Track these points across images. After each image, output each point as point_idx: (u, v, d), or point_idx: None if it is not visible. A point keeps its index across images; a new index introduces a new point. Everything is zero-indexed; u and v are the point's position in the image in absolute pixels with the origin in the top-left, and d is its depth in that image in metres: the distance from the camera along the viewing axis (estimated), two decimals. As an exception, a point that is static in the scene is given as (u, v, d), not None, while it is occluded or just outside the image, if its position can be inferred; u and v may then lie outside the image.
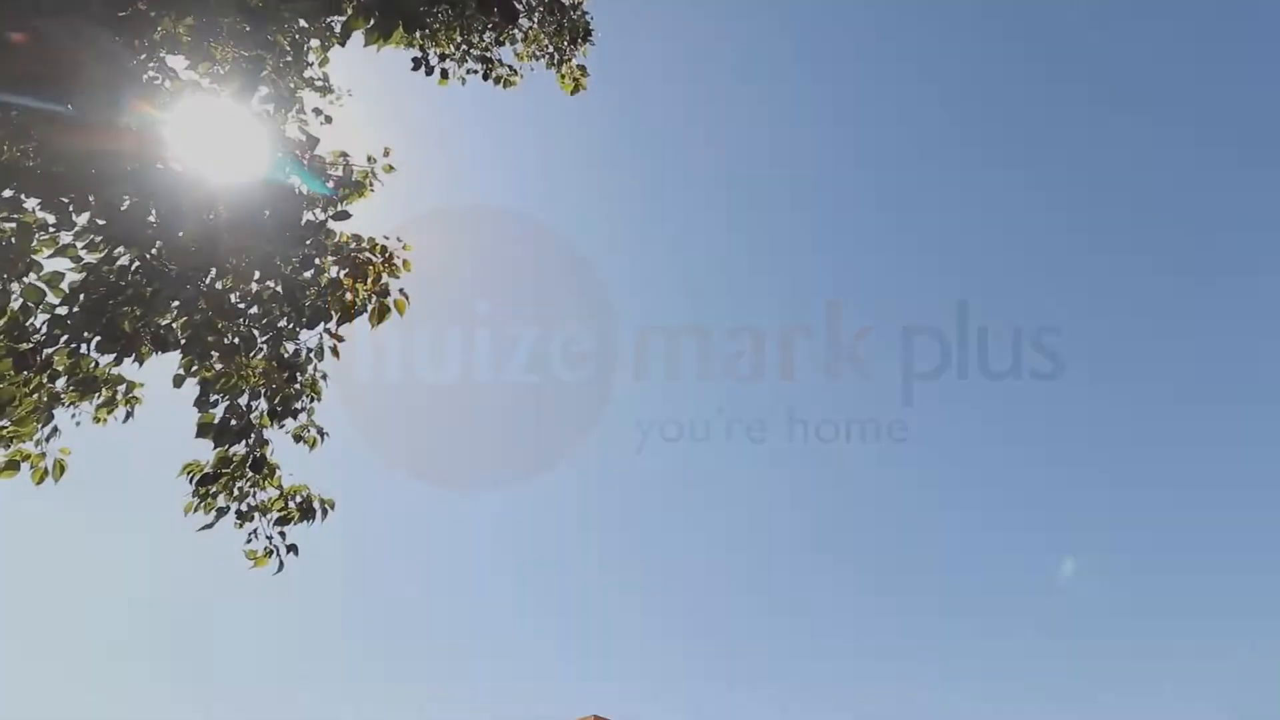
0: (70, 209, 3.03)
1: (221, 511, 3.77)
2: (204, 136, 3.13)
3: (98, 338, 3.20)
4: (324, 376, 4.03)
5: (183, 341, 3.24)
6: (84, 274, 3.32)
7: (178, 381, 3.51)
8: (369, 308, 3.78)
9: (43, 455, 3.97)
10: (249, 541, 3.84)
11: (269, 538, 3.82)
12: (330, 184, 3.38)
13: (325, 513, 4.06)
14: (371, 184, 3.66)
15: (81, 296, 3.22)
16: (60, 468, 3.95)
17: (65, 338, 3.27)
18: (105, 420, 4.27)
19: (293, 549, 3.84)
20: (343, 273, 3.63)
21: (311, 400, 4.00)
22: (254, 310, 3.56)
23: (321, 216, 3.36)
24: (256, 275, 3.33)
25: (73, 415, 4.21)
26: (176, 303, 3.19)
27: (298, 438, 3.99)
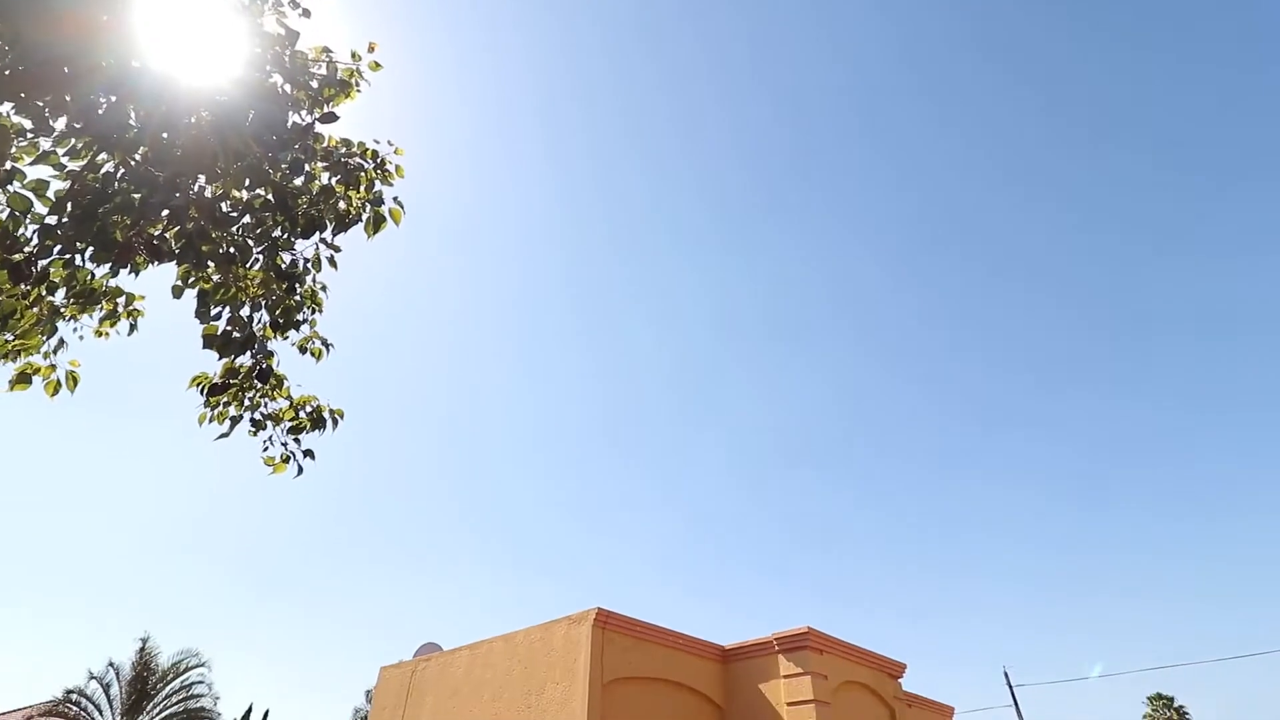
0: (46, 112, 2.91)
1: (235, 421, 3.86)
2: (179, 31, 2.95)
3: (91, 248, 3.17)
4: (324, 288, 4.02)
5: (177, 251, 3.20)
6: (69, 182, 3.23)
7: (176, 292, 3.50)
8: (364, 217, 3.71)
9: (52, 368, 4.04)
10: (265, 449, 3.97)
11: (284, 445, 3.94)
12: (314, 83, 3.22)
13: (335, 423, 4.16)
14: (357, 84, 3.49)
15: (69, 205, 3.15)
16: (73, 379, 4.01)
17: (58, 249, 3.23)
18: (108, 334, 4.30)
19: (309, 454, 3.97)
20: (334, 179, 3.54)
21: (313, 312, 4.01)
22: (247, 220, 3.50)
23: (308, 119, 3.23)
24: (246, 183, 3.24)
25: (75, 330, 4.24)
26: (167, 211, 3.12)
27: (302, 349, 4.04)
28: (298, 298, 3.81)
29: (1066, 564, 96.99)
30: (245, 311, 3.69)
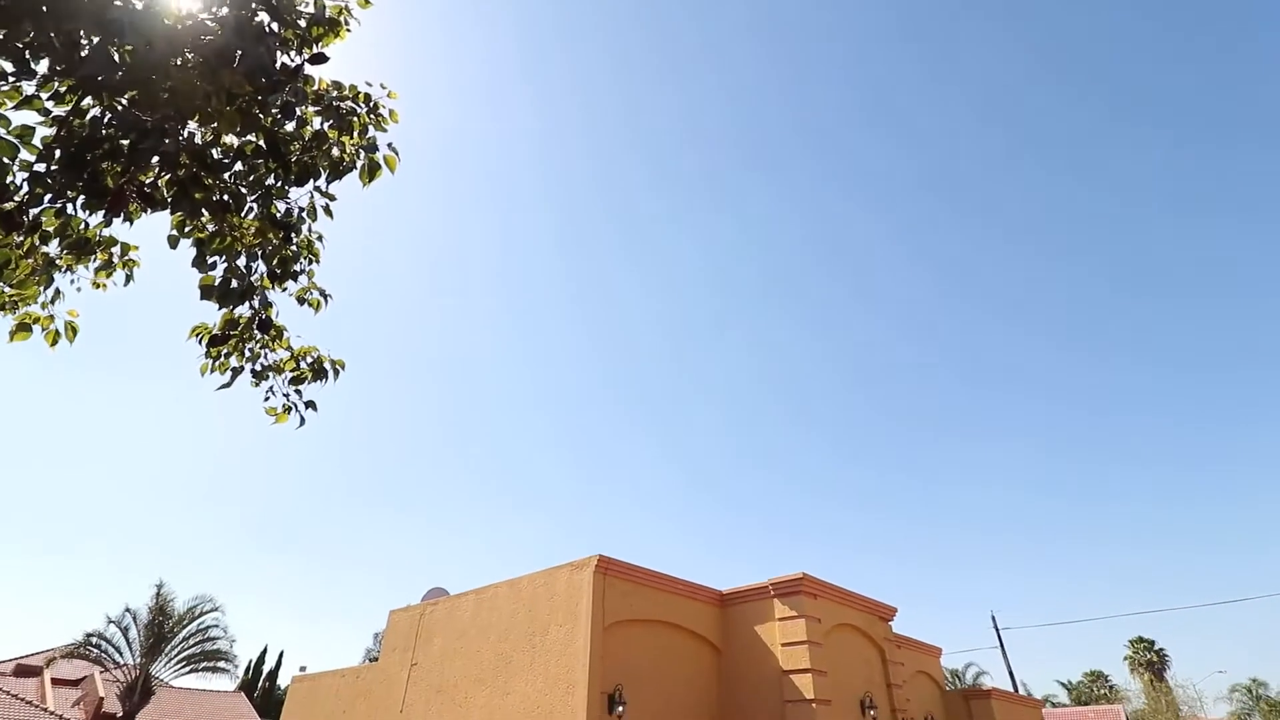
0: (27, 55, 2.82)
1: (236, 371, 3.89)
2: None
3: (83, 196, 3.12)
4: (320, 238, 3.97)
5: (170, 199, 3.15)
6: (55, 128, 3.16)
7: (172, 242, 3.47)
8: (358, 164, 3.64)
9: (51, 318, 4.04)
10: (267, 400, 4.00)
11: (286, 395, 3.97)
12: (302, 21, 3.11)
13: (336, 373, 4.19)
14: (346, 22, 3.36)
15: (58, 152, 3.09)
16: (72, 329, 4.02)
17: (49, 197, 3.19)
18: (105, 286, 4.28)
19: (311, 405, 4.01)
20: (327, 124, 3.45)
21: (310, 263, 3.98)
22: (239, 167, 3.43)
23: (297, 60, 3.12)
24: (237, 128, 3.16)
25: (72, 281, 4.22)
26: (157, 158, 3.06)
27: (301, 300, 4.02)
28: (294, 248, 3.77)
29: (1055, 514, 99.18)
30: (242, 262, 3.66)
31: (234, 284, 3.56)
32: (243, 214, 3.47)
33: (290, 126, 3.42)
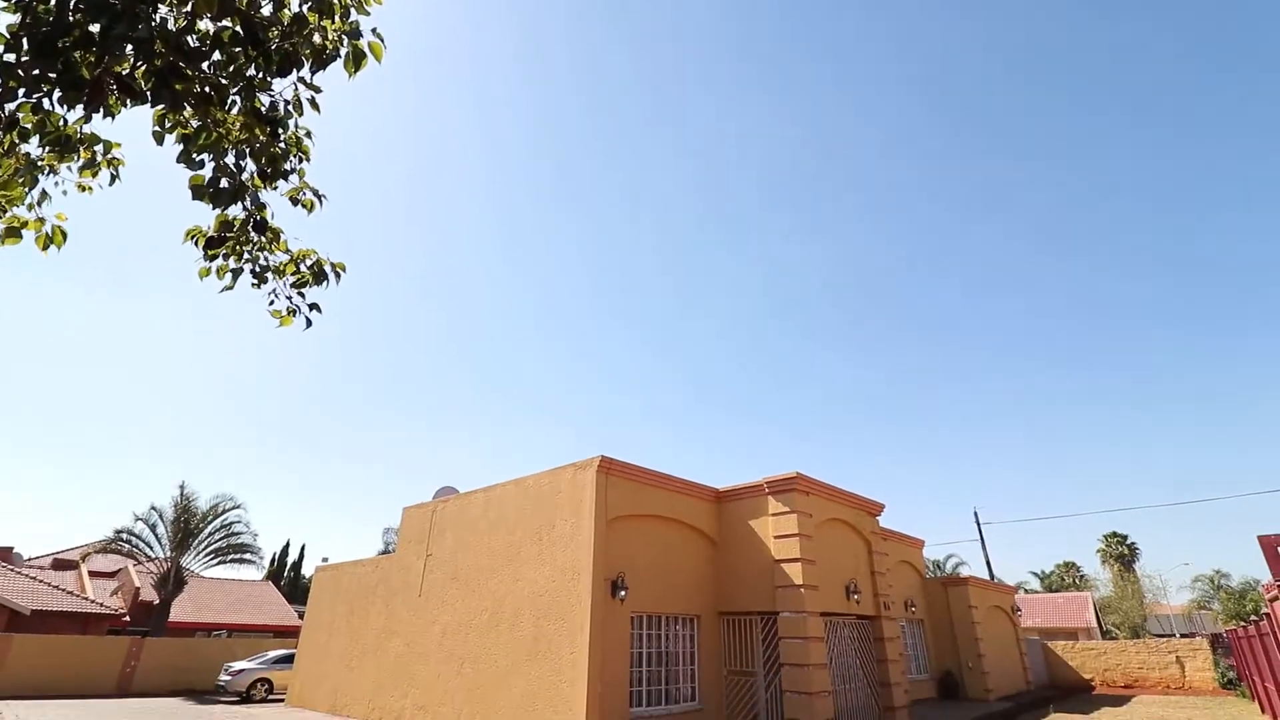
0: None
1: (236, 274, 3.87)
2: None
3: (59, 89, 2.98)
4: (308, 134, 3.83)
5: (149, 91, 3.01)
6: (20, 14, 2.97)
7: (158, 138, 3.34)
8: (342, 52, 3.44)
9: (41, 221, 3.97)
10: (271, 303, 4.01)
11: (289, 299, 3.98)
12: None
13: (338, 276, 4.17)
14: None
15: (25, 40, 2.92)
16: (61, 234, 3.96)
17: (23, 90, 3.05)
18: (91, 189, 4.17)
19: (315, 308, 4.02)
20: (306, 7, 3.23)
21: (300, 161, 3.86)
22: (218, 56, 3.25)
23: (268, -67, 2.87)
24: (212, 10, 2.97)
25: (57, 183, 4.11)
26: (131, 46, 2.90)
27: (294, 200, 3.93)
28: (282, 145, 3.64)
29: (1038, 415, 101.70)
30: (230, 160, 3.55)
31: (224, 183, 3.47)
32: (226, 108, 3.32)
33: (268, 10, 3.21)
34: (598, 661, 10.65)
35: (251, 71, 3.32)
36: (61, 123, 3.60)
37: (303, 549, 51.90)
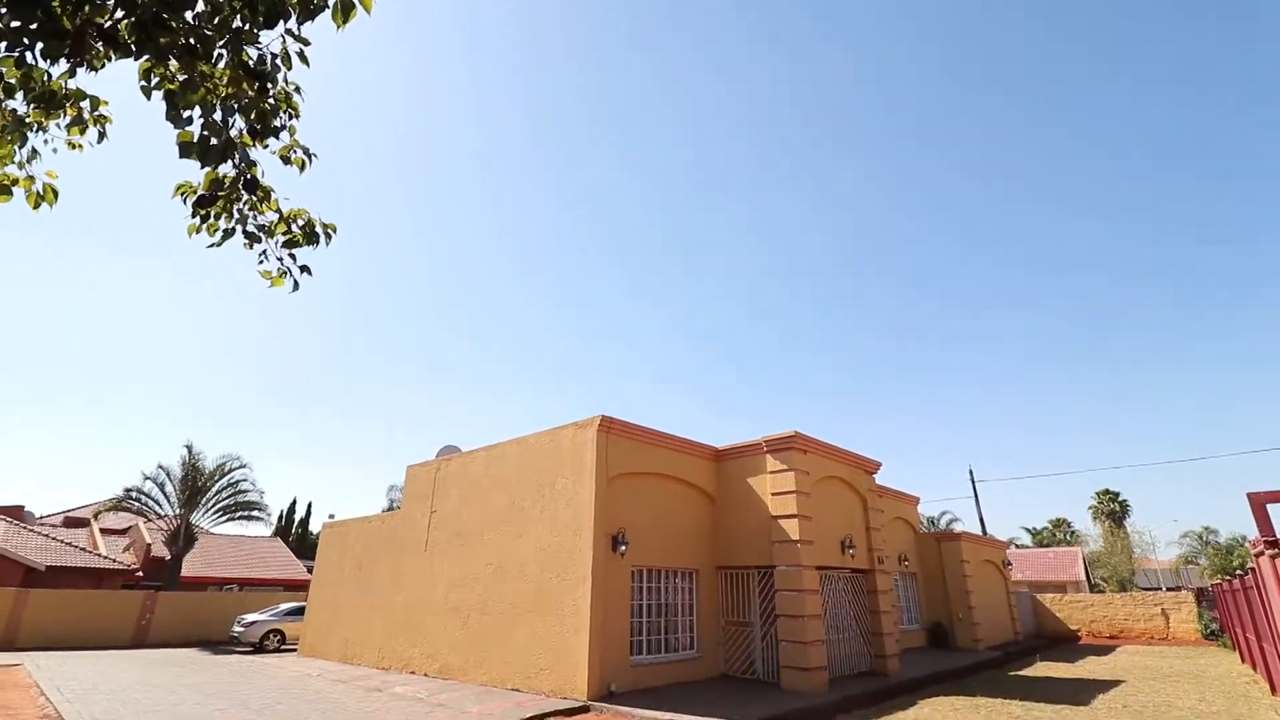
0: None
1: (227, 234, 3.85)
2: None
3: (41, 42, 2.91)
4: (297, 90, 3.75)
5: (133, 43, 2.94)
6: (-8, -40, 2.88)
7: (145, 92, 3.28)
8: (330, 2, 3.34)
9: (31, 179, 3.94)
10: (261, 263, 4.00)
11: (279, 260, 3.96)
12: None
13: (329, 237, 4.14)
14: None
15: (1, -10, 2.84)
16: (51, 191, 3.93)
17: (5, 45, 2.98)
18: (80, 146, 4.12)
19: (305, 269, 4.01)
20: (290, -46, 3.13)
21: (290, 117, 3.79)
22: (202, 7, 3.17)
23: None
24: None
25: (46, 141, 4.06)
26: (110, -4, 2.82)
27: (285, 159, 3.88)
28: (271, 100, 3.57)
29: (1033, 374, 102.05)
30: (219, 116, 3.49)
31: (213, 140, 3.42)
32: (213, 61, 3.25)
33: (250, -43, 3.11)
34: (599, 613, 10.98)
35: (237, 23, 3.24)
36: (46, 78, 3.53)
37: (309, 507, 52.96)
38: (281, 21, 3.24)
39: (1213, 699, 10.61)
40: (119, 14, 3.01)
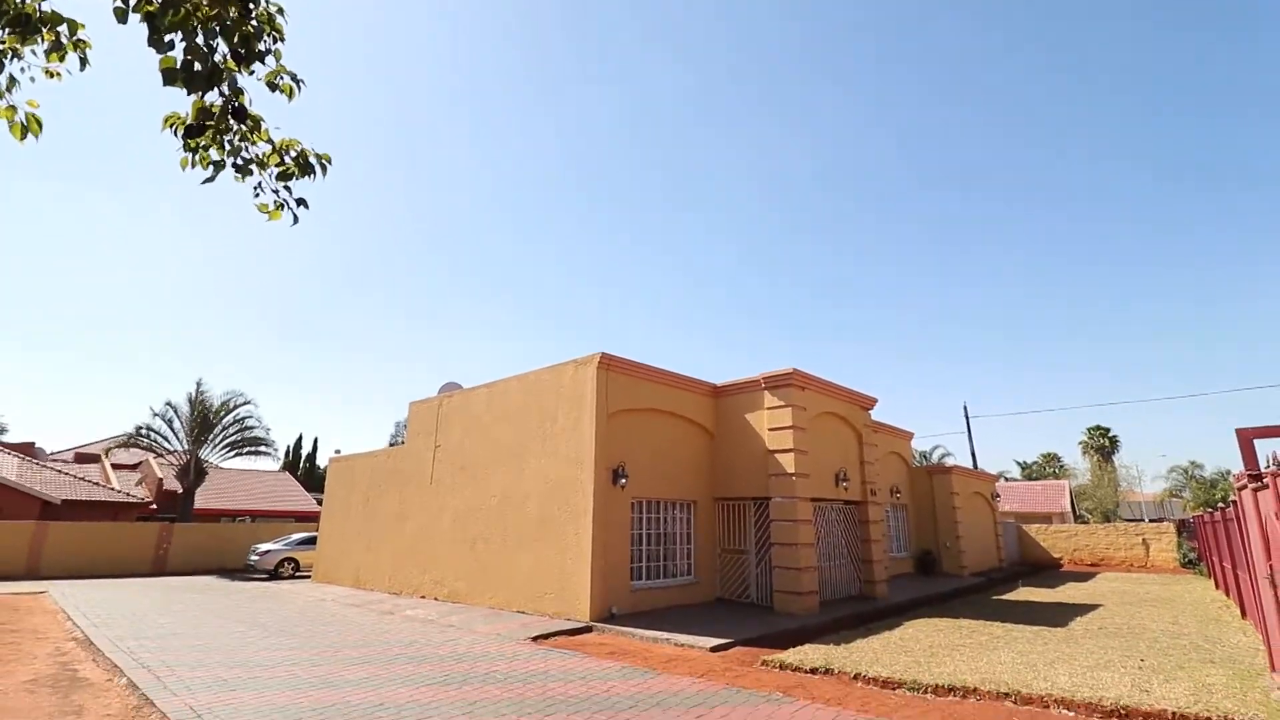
0: None
1: (219, 166, 3.76)
2: None
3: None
4: (280, 11, 3.59)
5: (105, -40, 2.79)
6: None
7: (120, 15, 3.14)
8: (309, -86, 3.15)
9: (12, 109, 3.82)
10: (257, 196, 3.93)
11: (275, 192, 3.89)
12: None
13: (324, 169, 4.06)
14: None
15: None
16: (35, 122, 3.82)
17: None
18: (59, 74, 3.97)
19: (302, 203, 3.95)
20: None
21: (275, 41, 3.64)
22: (173, -82, 2.99)
23: None
24: None
25: (24, 69, 3.91)
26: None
27: (272, 85, 3.75)
28: (254, 22, 3.42)
29: (1027, 312, 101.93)
30: (201, 40, 3.35)
31: (197, 66, 3.30)
32: (190, -19, 3.09)
33: None
34: (600, 542, 11.40)
35: (212, -63, 3.07)
36: (19, 1, 3.36)
37: (315, 442, 53.91)
38: (260, -65, 3.06)
39: (1185, 621, 11.18)
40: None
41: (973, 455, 32.10)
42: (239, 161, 3.77)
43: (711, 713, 5.98)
